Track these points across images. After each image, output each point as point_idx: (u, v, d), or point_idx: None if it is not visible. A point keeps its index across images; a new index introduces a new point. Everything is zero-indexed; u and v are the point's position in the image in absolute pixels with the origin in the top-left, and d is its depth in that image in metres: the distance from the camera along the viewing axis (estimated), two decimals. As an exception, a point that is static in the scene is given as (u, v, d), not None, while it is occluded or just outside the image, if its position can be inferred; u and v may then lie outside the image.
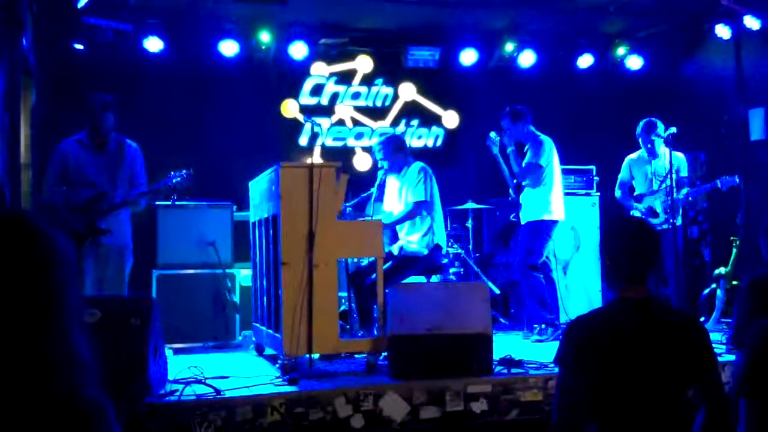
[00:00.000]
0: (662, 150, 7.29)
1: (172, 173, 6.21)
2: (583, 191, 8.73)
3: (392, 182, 6.72)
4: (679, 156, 7.39)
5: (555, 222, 7.10)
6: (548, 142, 7.10)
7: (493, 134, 7.20)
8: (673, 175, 6.99)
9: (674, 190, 6.97)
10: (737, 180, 7.19)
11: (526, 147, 7.19)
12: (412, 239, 6.50)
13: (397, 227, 6.63)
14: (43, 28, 7.32)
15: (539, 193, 7.07)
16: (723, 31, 8.43)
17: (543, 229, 7.04)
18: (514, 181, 7.24)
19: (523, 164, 7.09)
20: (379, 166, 6.70)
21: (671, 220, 7.04)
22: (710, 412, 2.86)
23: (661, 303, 3.05)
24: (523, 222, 7.15)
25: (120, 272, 6.10)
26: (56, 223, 5.62)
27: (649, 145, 7.44)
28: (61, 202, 5.97)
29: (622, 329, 2.86)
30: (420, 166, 6.50)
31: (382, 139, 6.74)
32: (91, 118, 6.12)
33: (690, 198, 7.50)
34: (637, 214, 7.45)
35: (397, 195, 6.63)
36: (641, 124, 7.48)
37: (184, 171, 6.22)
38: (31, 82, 6.99)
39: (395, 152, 6.57)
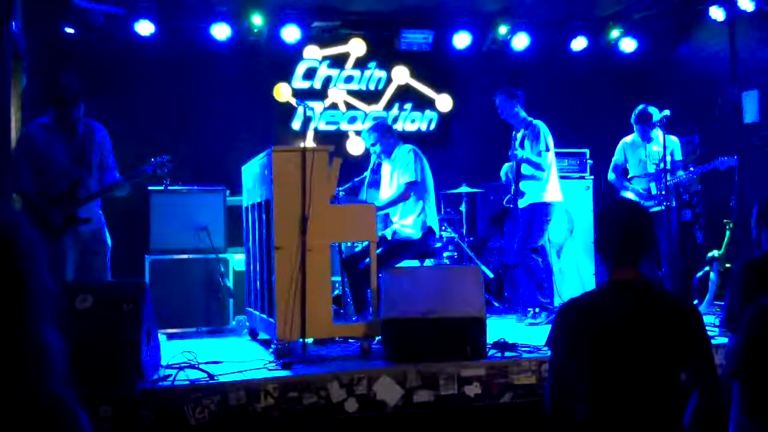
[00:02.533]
0: (656, 133, 7.28)
1: (153, 159, 6.05)
2: (577, 175, 8.72)
3: (386, 168, 6.72)
4: (673, 140, 7.39)
5: (553, 204, 7.11)
6: (543, 127, 7.08)
7: (518, 152, 7.11)
8: (668, 158, 6.99)
9: (668, 172, 6.97)
10: (735, 160, 7.18)
11: (520, 134, 7.16)
12: (405, 222, 6.49)
13: (390, 211, 6.63)
14: (33, 11, 7.25)
15: (537, 177, 7.06)
16: (717, 13, 8.40)
17: (542, 211, 7.04)
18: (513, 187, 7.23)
19: (530, 158, 7.01)
20: (372, 151, 6.68)
21: (665, 203, 7.04)
22: (703, 395, 2.87)
23: (653, 286, 3.06)
24: (521, 206, 7.14)
25: (102, 257, 5.94)
26: (32, 214, 5.56)
27: (644, 133, 7.44)
28: (36, 192, 5.72)
29: (613, 312, 2.87)
30: (409, 147, 6.49)
31: (370, 126, 6.74)
32: (59, 105, 5.79)
33: (688, 176, 7.47)
34: (630, 196, 7.46)
35: (389, 180, 6.62)
36: (636, 111, 7.48)
37: (165, 157, 6.03)
38: (22, 65, 6.93)
39: (384, 137, 6.57)
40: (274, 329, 5.25)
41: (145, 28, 8.04)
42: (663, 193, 7.07)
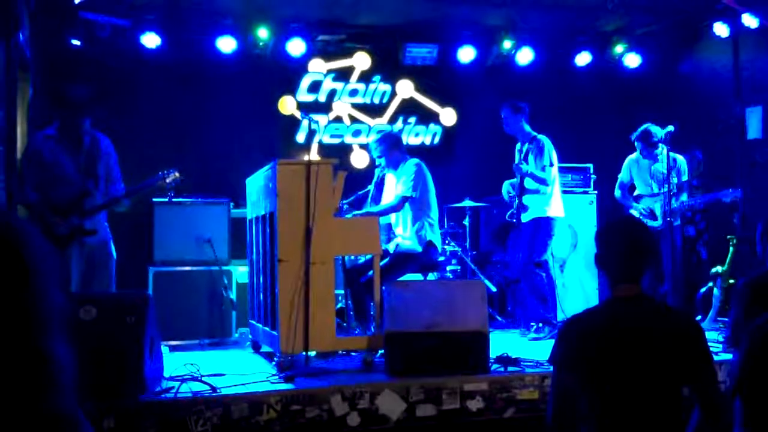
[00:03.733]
0: (662, 152, 7.27)
1: (160, 173, 6.05)
2: (581, 189, 8.73)
3: (390, 179, 6.72)
4: (679, 158, 7.40)
5: (556, 219, 7.12)
6: (547, 142, 7.10)
7: (523, 165, 7.12)
8: (674, 179, 6.99)
9: (674, 194, 6.98)
10: (740, 194, 7.14)
11: (525, 148, 7.17)
12: (406, 236, 6.50)
13: (392, 224, 6.64)
14: (40, 23, 7.30)
15: (541, 191, 7.07)
16: (721, 29, 8.42)
17: (546, 225, 7.05)
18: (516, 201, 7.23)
19: (534, 173, 7.01)
20: (377, 164, 6.69)
21: (669, 219, 7.04)
22: (705, 411, 2.86)
23: (654, 301, 3.06)
24: (524, 221, 7.15)
25: (107, 269, 5.93)
26: (38, 225, 5.57)
27: (645, 152, 7.45)
28: (42, 203, 5.72)
29: (615, 328, 2.87)
30: (415, 162, 6.50)
31: (378, 137, 6.74)
32: (66, 117, 5.81)
33: (691, 203, 7.47)
34: (635, 214, 7.45)
35: (393, 191, 6.63)
36: (637, 132, 7.49)
37: (173, 170, 6.04)
38: (28, 77, 6.96)
39: (391, 149, 6.57)
40: (277, 342, 5.25)
41: (151, 40, 8.07)
42: (667, 214, 7.05)
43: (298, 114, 8.74)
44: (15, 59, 5.81)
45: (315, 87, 9.09)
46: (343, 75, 9.16)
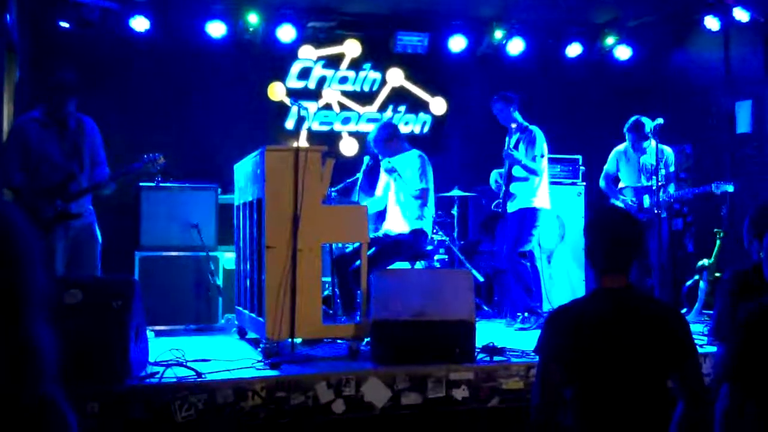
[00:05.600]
0: (650, 144, 7.28)
1: (145, 156, 6.00)
2: (569, 180, 8.73)
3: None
4: (667, 150, 7.40)
5: (542, 210, 7.12)
6: (539, 133, 7.09)
7: (513, 152, 7.11)
8: (662, 171, 7.00)
9: (662, 186, 6.99)
10: (731, 188, 7.12)
11: (516, 137, 7.16)
12: (399, 222, 6.50)
13: (387, 212, 6.65)
14: (28, 4, 7.24)
15: (529, 180, 7.07)
16: (712, 23, 8.43)
17: (532, 216, 7.06)
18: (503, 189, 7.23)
19: (525, 162, 7.01)
20: (375, 151, 6.66)
21: (656, 211, 7.06)
22: (689, 403, 2.88)
23: (640, 293, 3.07)
24: (511, 211, 7.15)
25: (92, 252, 5.89)
26: (23, 208, 5.51)
27: (636, 144, 7.45)
28: (27, 186, 5.66)
29: (600, 319, 2.88)
30: (418, 153, 6.52)
31: (377, 128, 6.75)
32: (52, 99, 5.74)
33: (681, 195, 7.48)
34: (621, 205, 7.46)
35: (384, 181, 6.63)
36: (629, 122, 7.48)
37: (158, 154, 5.99)
38: (15, 58, 6.90)
39: (390, 140, 6.58)
40: (263, 328, 5.24)
41: (140, 24, 8.01)
42: (655, 209, 7.06)
43: (287, 100, 8.68)
44: (1, 41, 5.76)
45: (305, 74, 9.06)
46: (333, 62, 9.12)
